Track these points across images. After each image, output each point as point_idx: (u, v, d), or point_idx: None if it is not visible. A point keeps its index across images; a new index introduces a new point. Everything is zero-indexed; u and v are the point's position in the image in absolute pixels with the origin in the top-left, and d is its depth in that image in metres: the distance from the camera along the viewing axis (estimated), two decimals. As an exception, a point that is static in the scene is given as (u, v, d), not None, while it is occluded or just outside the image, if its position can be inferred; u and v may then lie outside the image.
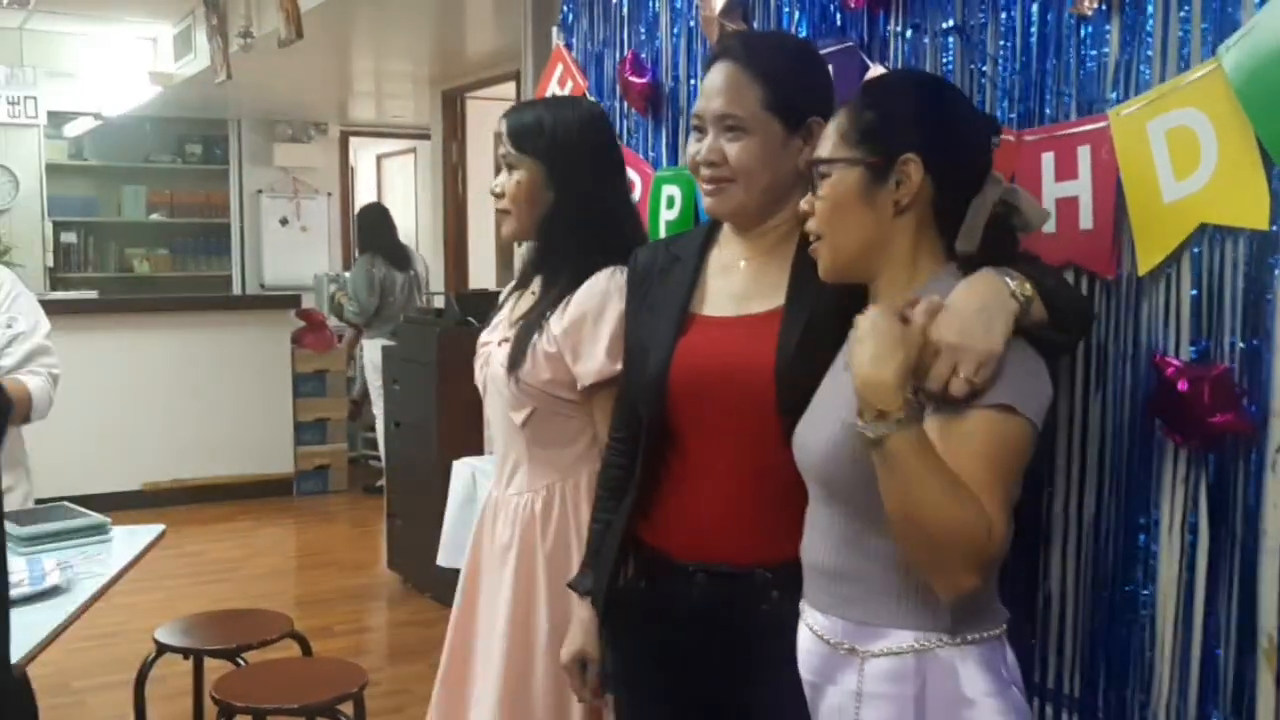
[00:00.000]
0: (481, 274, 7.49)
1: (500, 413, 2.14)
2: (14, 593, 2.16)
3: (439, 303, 6.55)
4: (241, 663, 2.88)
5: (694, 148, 1.75)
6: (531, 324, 2.06)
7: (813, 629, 1.52)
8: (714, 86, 1.71)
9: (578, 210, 2.04)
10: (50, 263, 8.02)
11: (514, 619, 2.08)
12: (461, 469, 3.89)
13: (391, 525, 5.46)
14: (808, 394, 1.57)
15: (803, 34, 2.12)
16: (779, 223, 1.75)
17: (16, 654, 1.89)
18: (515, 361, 2.04)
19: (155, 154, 8.72)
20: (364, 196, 9.71)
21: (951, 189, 1.47)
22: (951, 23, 1.83)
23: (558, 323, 2.02)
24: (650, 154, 2.55)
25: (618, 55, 2.65)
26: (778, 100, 1.68)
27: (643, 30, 2.56)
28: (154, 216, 8.74)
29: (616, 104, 2.66)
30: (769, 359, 1.67)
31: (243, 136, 8.88)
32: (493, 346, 2.15)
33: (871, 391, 1.33)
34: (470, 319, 4.92)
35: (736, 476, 1.71)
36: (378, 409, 6.97)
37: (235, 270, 8.93)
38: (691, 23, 2.41)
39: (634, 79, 2.52)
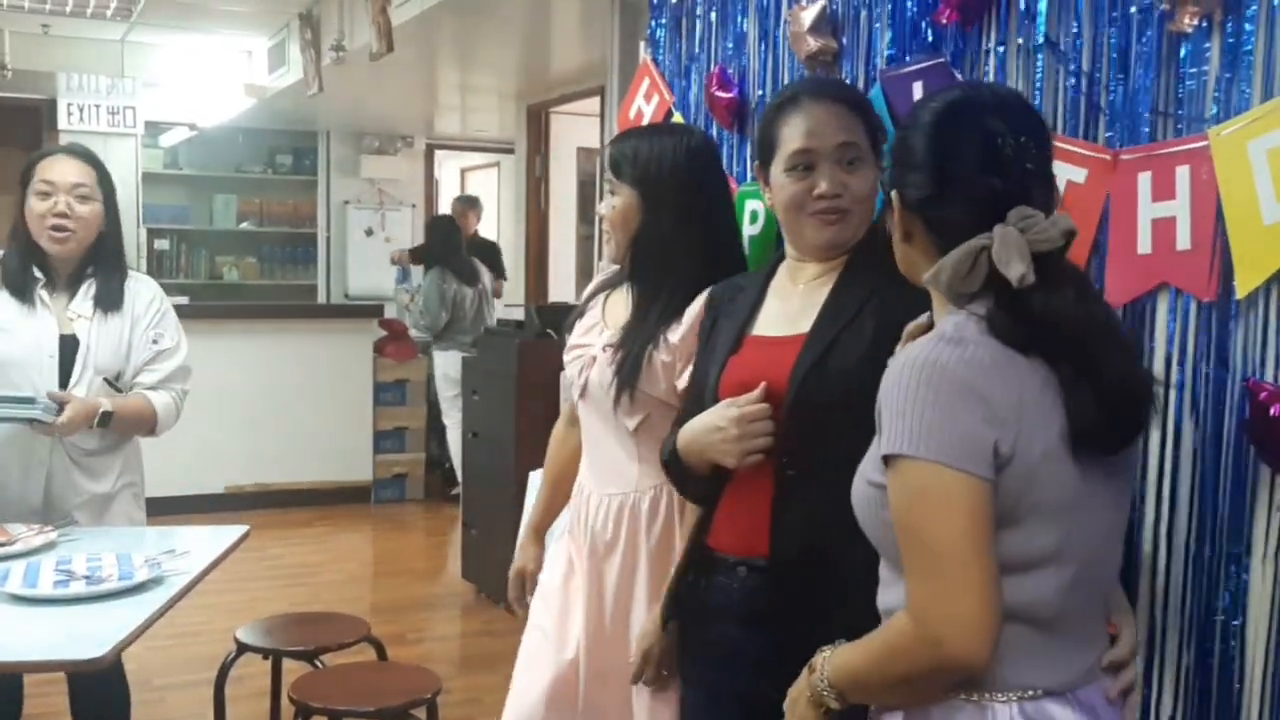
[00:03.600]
0: (561, 287, 7.53)
1: (602, 416, 2.19)
2: (102, 588, 2.22)
3: (518, 314, 6.60)
4: (319, 665, 2.92)
5: (800, 185, 1.80)
6: (645, 336, 2.12)
7: None
8: (822, 122, 1.78)
9: (666, 234, 2.12)
10: (144, 269, 8.22)
11: (615, 614, 2.14)
12: (538, 480, 3.91)
13: (466, 535, 5.50)
14: (817, 409, 1.68)
15: (892, 50, 2.11)
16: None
17: (104, 648, 1.95)
18: (632, 373, 2.10)
19: (246, 164, 8.92)
20: (447, 209, 9.84)
21: (942, 231, 1.40)
22: (1043, 38, 1.81)
23: (675, 334, 2.09)
24: (735, 169, 2.54)
25: (705, 70, 2.65)
26: (872, 132, 1.81)
27: (730, 45, 2.57)
28: (244, 225, 8.94)
29: (702, 119, 2.66)
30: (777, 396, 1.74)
31: (331, 148, 9.05)
32: (595, 351, 2.20)
33: None
34: (550, 331, 4.95)
35: (770, 480, 1.77)
36: (448, 419, 7.06)
37: (320, 279, 9.10)
38: (779, 38, 2.41)
39: (720, 94, 2.52)
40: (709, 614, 1.88)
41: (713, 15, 2.63)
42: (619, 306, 2.23)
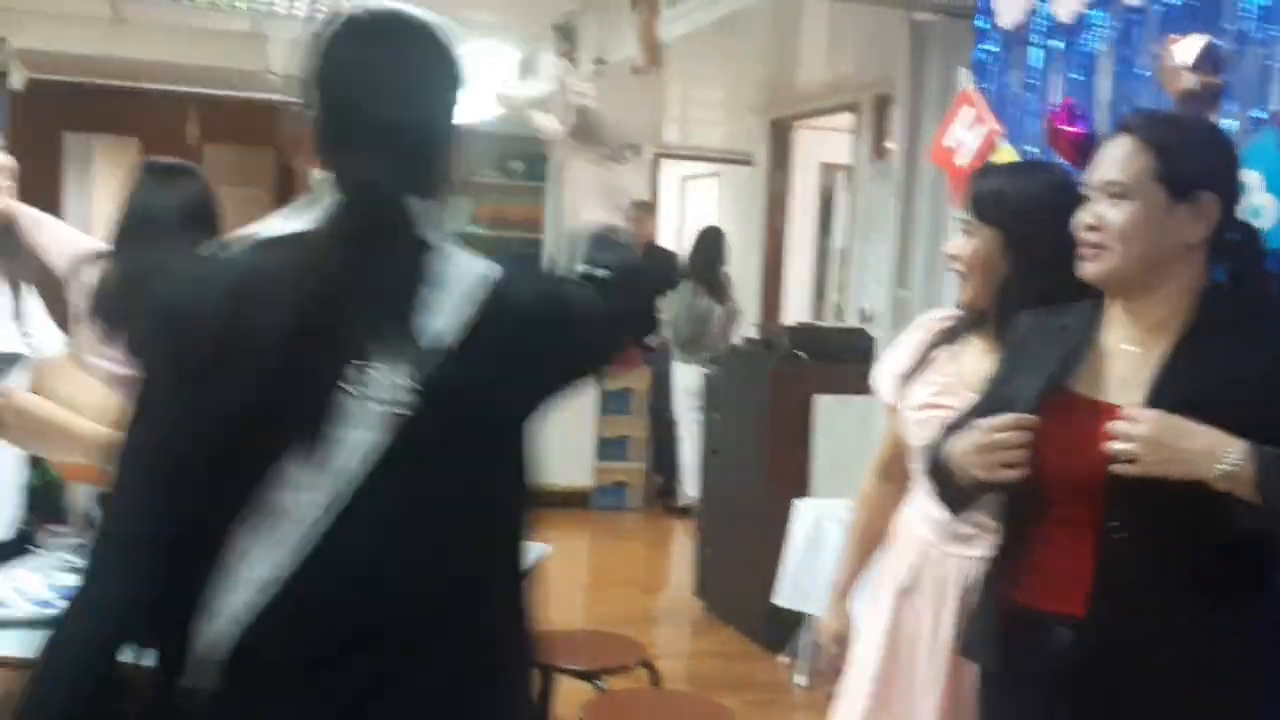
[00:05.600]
0: (795, 304, 7.43)
1: None
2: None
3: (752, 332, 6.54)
4: (600, 687, 2.91)
5: (1079, 218, 1.80)
6: None
7: None
8: (1105, 155, 1.79)
9: (1035, 279, 2.00)
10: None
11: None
12: (805, 511, 3.84)
13: (701, 552, 5.46)
14: (1138, 498, 1.62)
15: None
16: (1162, 300, 1.76)
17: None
18: None
19: (481, 168, 9.12)
20: (667, 218, 9.86)
21: None
22: None
23: None
24: (1078, 207, 2.41)
25: (1042, 100, 2.53)
26: (1165, 169, 1.73)
27: (1076, 75, 2.44)
28: (477, 229, 9.14)
29: (1036, 150, 2.54)
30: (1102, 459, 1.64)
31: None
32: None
33: None
34: (799, 353, 4.86)
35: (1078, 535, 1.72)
36: (684, 432, 7.05)
37: (551, 285, 9.23)
38: (1141, 71, 2.27)
39: (1066, 128, 2.39)
40: (1017, 671, 1.79)
41: (1053, 43, 2.51)
42: (981, 363, 2.08)
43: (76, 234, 3.20)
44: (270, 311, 1.27)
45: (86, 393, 2.53)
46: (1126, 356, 1.79)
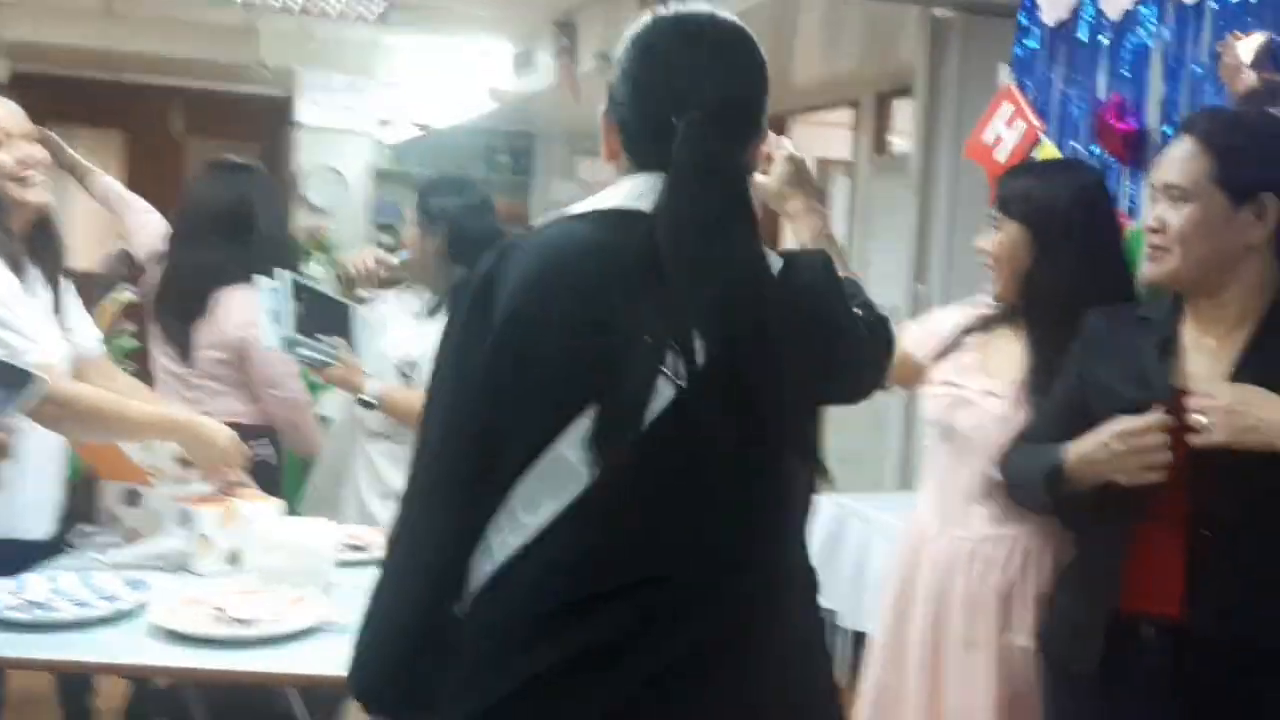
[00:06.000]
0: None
1: (965, 460, 2.11)
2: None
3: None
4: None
5: (1144, 217, 1.86)
6: (1042, 387, 2.03)
7: None
8: (1168, 157, 1.81)
9: (1060, 276, 2.04)
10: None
11: (1009, 660, 2.05)
12: (825, 507, 3.82)
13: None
14: (1228, 484, 1.65)
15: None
16: (1232, 298, 1.78)
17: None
18: None
19: (468, 163, 9.06)
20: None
21: None
22: None
23: None
24: (1128, 204, 2.42)
25: (1088, 96, 2.53)
26: (1224, 172, 1.74)
27: (1125, 71, 2.44)
28: (462, 224, 9.08)
29: (1079, 147, 2.54)
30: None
31: (547, 150, 9.14)
32: (969, 394, 2.12)
33: None
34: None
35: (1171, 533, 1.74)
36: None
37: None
38: (1195, 66, 2.27)
39: (1117, 124, 2.39)
40: (1113, 674, 1.78)
41: (1101, 38, 2.51)
42: (1005, 352, 2.13)
43: (160, 222, 3.20)
44: (597, 282, 1.35)
45: (128, 391, 2.50)
46: (1205, 351, 1.80)
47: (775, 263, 1.40)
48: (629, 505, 1.34)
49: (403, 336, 2.90)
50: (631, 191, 1.39)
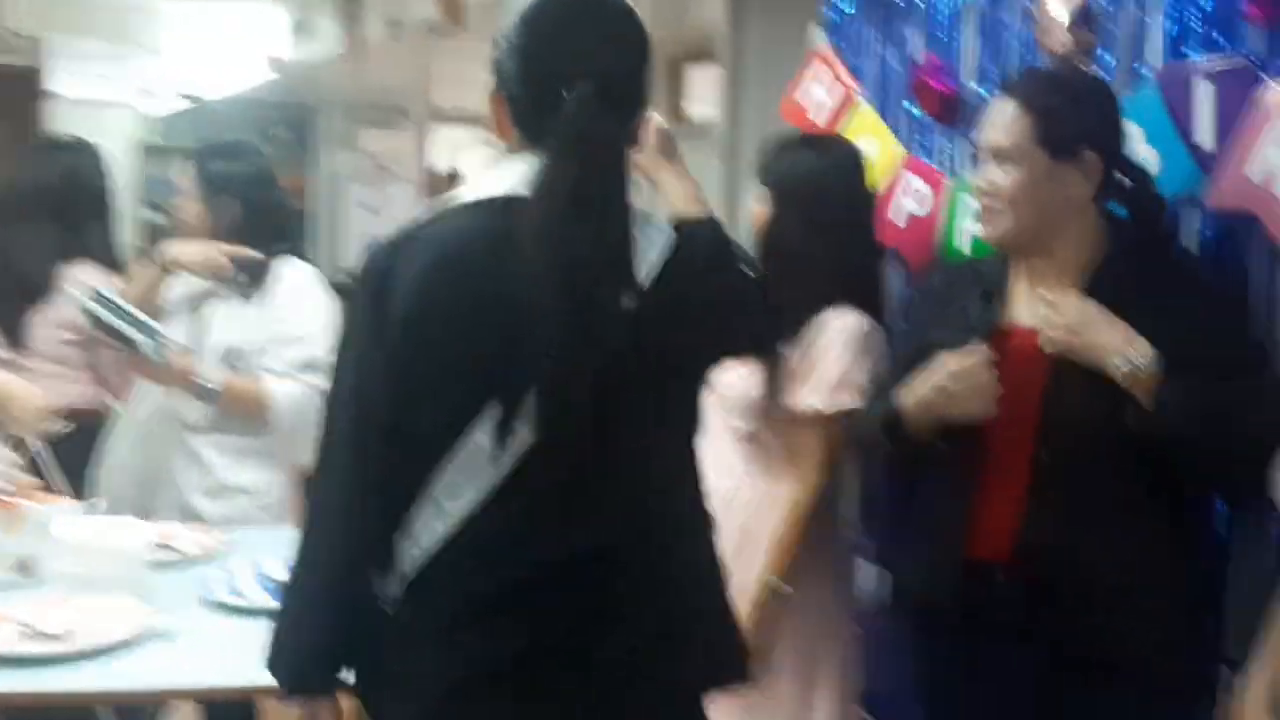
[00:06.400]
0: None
1: (729, 414, 2.22)
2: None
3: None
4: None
5: (973, 177, 1.92)
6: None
7: None
8: (991, 120, 1.86)
9: (790, 239, 2.19)
10: (140, 244, 7.94)
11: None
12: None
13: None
14: (1070, 426, 1.73)
15: (1164, 50, 2.03)
16: (1062, 252, 1.84)
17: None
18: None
19: (242, 136, 8.64)
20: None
21: None
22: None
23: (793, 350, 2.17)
24: (947, 163, 2.46)
25: (904, 57, 2.56)
26: (1045, 132, 1.79)
27: (940, 33, 2.47)
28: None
29: (898, 108, 2.57)
30: (1036, 393, 1.77)
31: (328, 121, 8.81)
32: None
33: None
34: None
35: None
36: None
37: (322, 257, 8.86)
38: (1007, 26, 2.32)
39: (934, 85, 2.43)
40: (962, 626, 1.84)
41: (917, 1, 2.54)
42: None
43: None
44: (493, 271, 1.40)
45: None
46: (1035, 304, 1.83)
47: (665, 231, 1.45)
48: (547, 484, 1.39)
49: (223, 326, 2.70)
50: (522, 175, 1.42)
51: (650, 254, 1.43)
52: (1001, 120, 1.82)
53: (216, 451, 2.65)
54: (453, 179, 7.99)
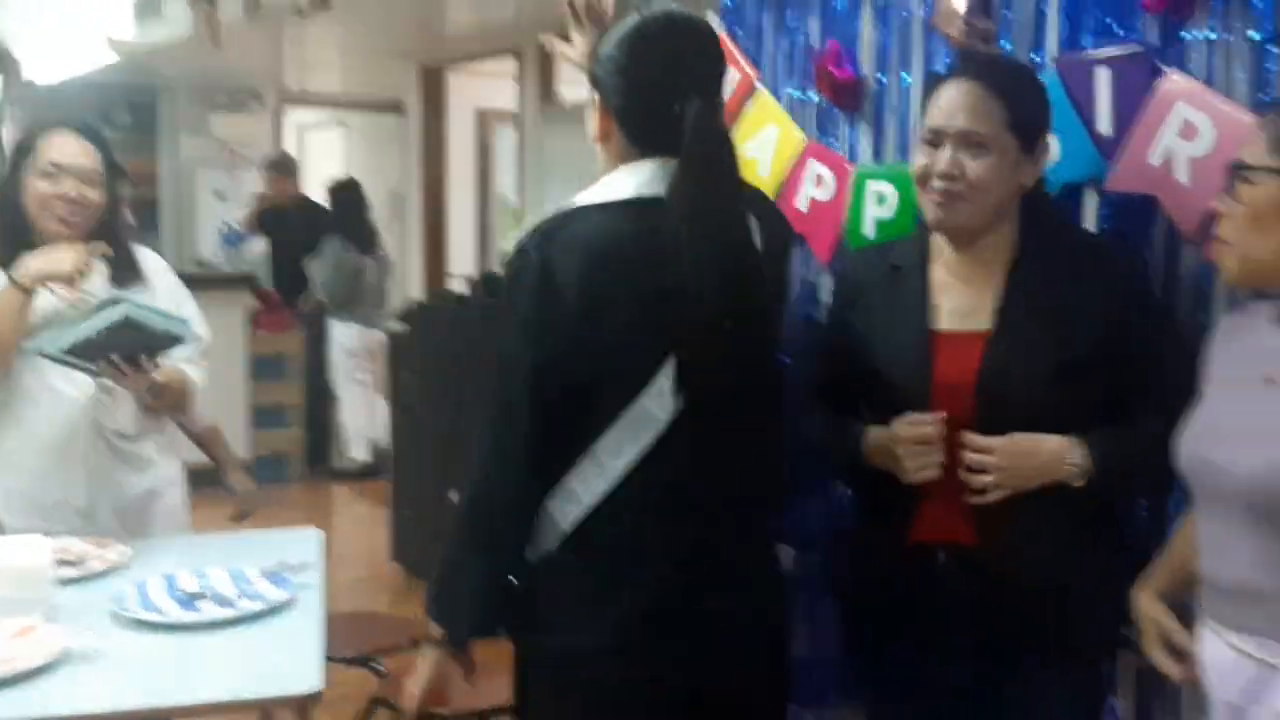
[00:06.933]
0: (460, 257, 7.30)
1: None
2: (247, 608, 2.02)
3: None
4: (380, 670, 2.75)
5: (925, 160, 1.84)
6: None
7: (1238, 649, 1.52)
8: (956, 103, 1.81)
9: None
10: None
11: None
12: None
13: (400, 516, 5.29)
14: (1006, 412, 1.76)
15: (1061, 39, 2.10)
16: (993, 240, 1.86)
17: (313, 679, 1.77)
18: None
19: (81, 122, 8.24)
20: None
21: None
22: (1273, 31, 1.83)
23: None
24: (846, 147, 2.50)
25: (802, 44, 2.58)
26: (1018, 120, 1.80)
27: (837, 19, 2.50)
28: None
29: (797, 93, 2.60)
30: (972, 377, 1.81)
31: (174, 105, 8.45)
32: None
33: None
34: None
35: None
36: (345, 393, 6.79)
37: (169, 246, 8.51)
38: (905, 13, 2.36)
39: (836, 72, 2.46)
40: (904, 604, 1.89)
41: (811, -13, 2.56)
42: None
43: None
44: (649, 264, 1.66)
45: None
46: (958, 290, 1.88)
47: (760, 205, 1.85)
48: (697, 440, 1.67)
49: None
50: (644, 180, 1.69)
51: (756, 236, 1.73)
52: (971, 104, 1.79)
53: (123, 460, 2.54)
54: (282, 165, 7.69)
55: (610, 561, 1.68)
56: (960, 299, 1.88)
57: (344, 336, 6.66)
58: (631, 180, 1.70)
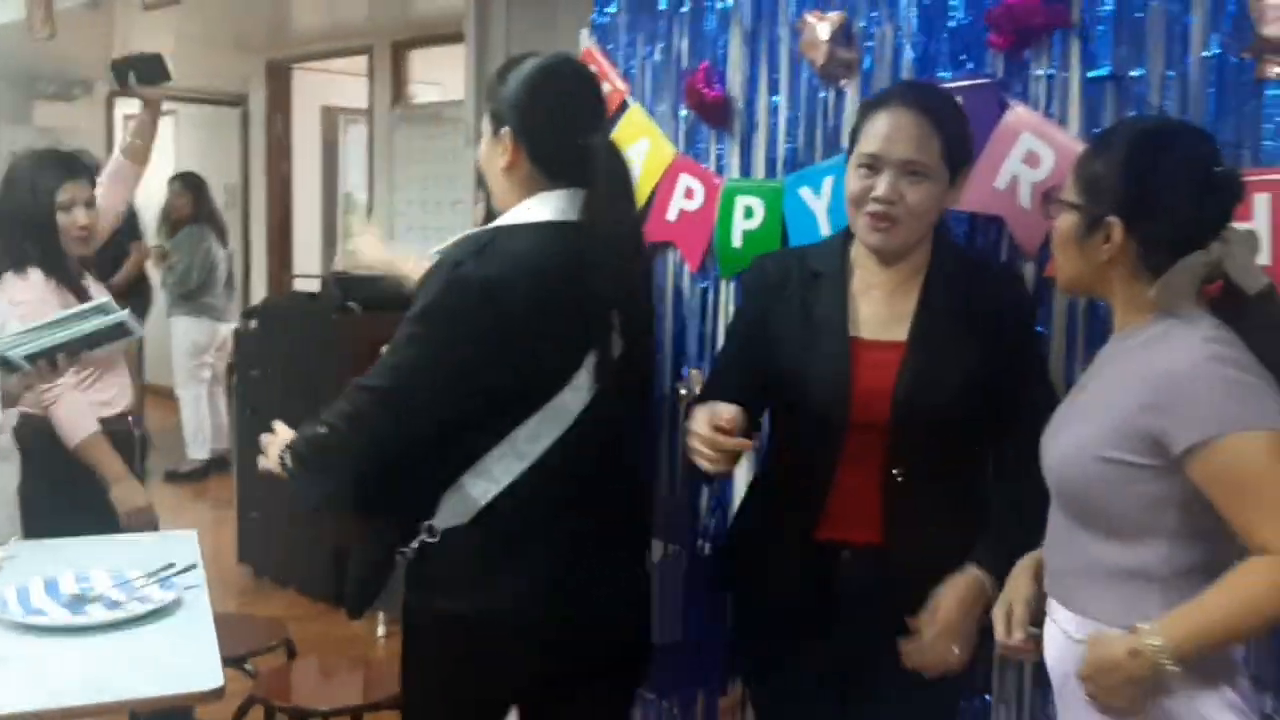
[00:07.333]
0: (307, 256, 7.18)
1: None
2: (136, 610, 2.02)
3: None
4: (250, 671, 2.76)
5: (862, 183, 1.94)
6: None
7: (1056, 623, 1.70)
8: (897, 132, 1.90)
9: None
10: None
11: None
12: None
13: (245, 517, 5.21)
14: (920, 420, 1.87)
15: (915, 69, 2.26)
16: (914, 255, 1.98)
17: (213, 678, 1.80)
18: None
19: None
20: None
21: (1157, 249, 1.59)
22: (1107, 71, 2.03)
23: None
24: (715, 163, 2.62)
25: (676, 63, 2.69)
26: (952, 151, 1.92)
27: (706, 40, 2.62)
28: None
29: (668, 109, 2.71)
30: (889, 385, 1.91)
31: (-6, 92, 8.10)
32: None
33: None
34: (351, 304, 4.77)
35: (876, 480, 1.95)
36: (184, 391, 6.62)
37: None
38: (771, 39, 2.50)
39: (707, 91, 2.58)
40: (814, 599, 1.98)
41: (682, 9, 2.67)
42: None
43: None
44: (572, 277, 1.86)
45: None
46: (877, 300, 2.00)
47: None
48: (600, 428, 1.89)
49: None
50: (561, 206, 1.90)
51: None
52: (915, 135, 1.88)
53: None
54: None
55: (516, 535, 1.86)
56: (879, 308, 1.99)
57: (189, 334, 6.48)
58: (547, 207, 1.91)
